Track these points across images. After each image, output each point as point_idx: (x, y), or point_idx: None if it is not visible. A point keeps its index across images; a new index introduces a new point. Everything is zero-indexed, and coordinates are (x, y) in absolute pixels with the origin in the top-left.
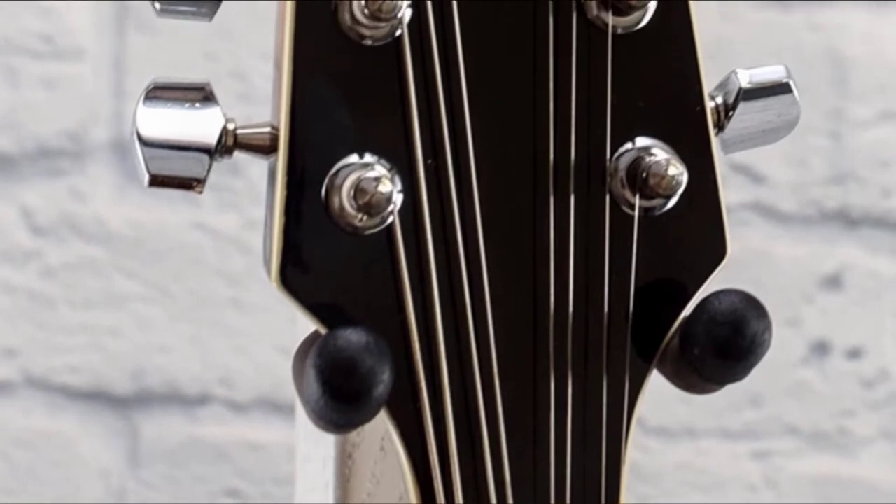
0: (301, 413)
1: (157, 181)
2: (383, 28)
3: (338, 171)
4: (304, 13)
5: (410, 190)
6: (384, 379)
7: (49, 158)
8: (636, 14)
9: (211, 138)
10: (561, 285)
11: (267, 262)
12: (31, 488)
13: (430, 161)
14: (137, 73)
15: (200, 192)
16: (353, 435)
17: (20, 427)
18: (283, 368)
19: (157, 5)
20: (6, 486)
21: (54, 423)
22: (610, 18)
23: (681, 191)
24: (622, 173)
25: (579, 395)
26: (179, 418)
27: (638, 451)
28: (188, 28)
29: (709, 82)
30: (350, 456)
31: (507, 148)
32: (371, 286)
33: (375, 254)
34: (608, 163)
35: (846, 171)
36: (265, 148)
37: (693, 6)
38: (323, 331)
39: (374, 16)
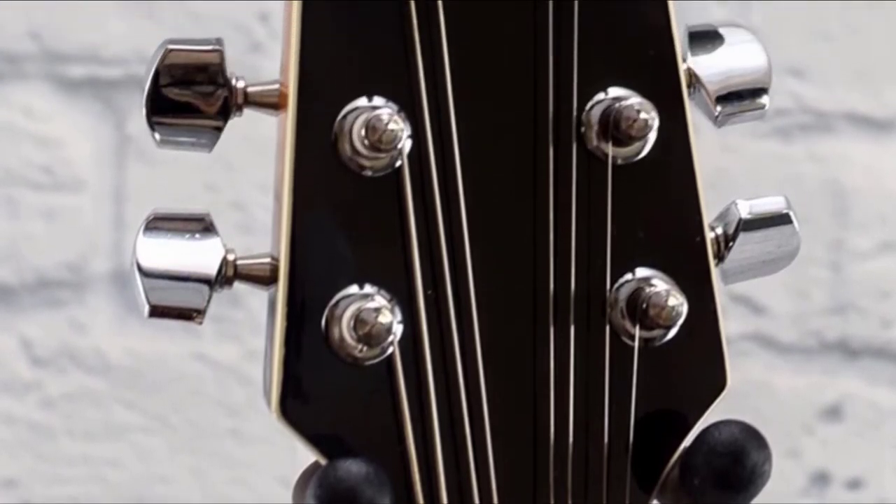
0: None
1: (157, 312)
2: (383, 159)
3: (338, 302)
4: (304, 144)
5: (410, 320)
6: None
7: (49, 289)
8: (636, 145)
9: (211, 269)
10: (561, 416)
11: (267, 393)
12: None
13: (430, 292)
14: (137, 204)
15: (200, 323)
16: None
17: None
18: (284, 499)
19: (157, 136)
20: None
21: None
22: (610, 149)
23: (681, 321)
24: (622, 304)
25: None
26: None
27: None
28: (188, 159)
29: (709, 213)
30: None
31: (507, 278)
32: (371, 417)
33: (375, 384)
34: (608, 293)
35: (846, 302)
36: (265, 279)
37: (693, 137)
38: (323, 461)
39: (375, 147)
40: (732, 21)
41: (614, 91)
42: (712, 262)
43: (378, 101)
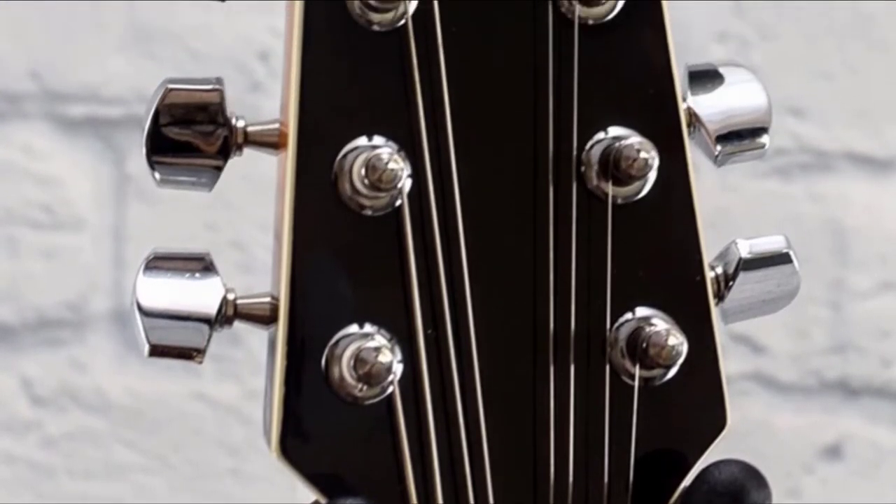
0: None
1: (157, 351)
2: (383, 198)
3: (338, 342)
4: (304, 184)
5: (410, 360)
6: None
7: (49, 328)
8: (636, 184)
9: (211, 308)
10: (561, 455)
11: (267, 432)
12: None
13: (430, 331)
14: (137, 243)
15: (200, 363)
16: None
17: None
18: None
19: (158, 176)
20: None
21: None
22: (610, 188)
23: (681, 361)
24: (622, 343)
25: None
26: None
27: None
28: (188, 198)
29: (709, 252)
30: None
31: (508, 318)
32: (371, 456)
33: (375, 423)
34: (608, 333)
35: (846, 341)
36: (265, 318)
37: (693, 176)
38: (323, 500)
39: (375, 186)
40: (732, 60)
41: (614, 130)
42: (712, 301)
43: (378, 140)
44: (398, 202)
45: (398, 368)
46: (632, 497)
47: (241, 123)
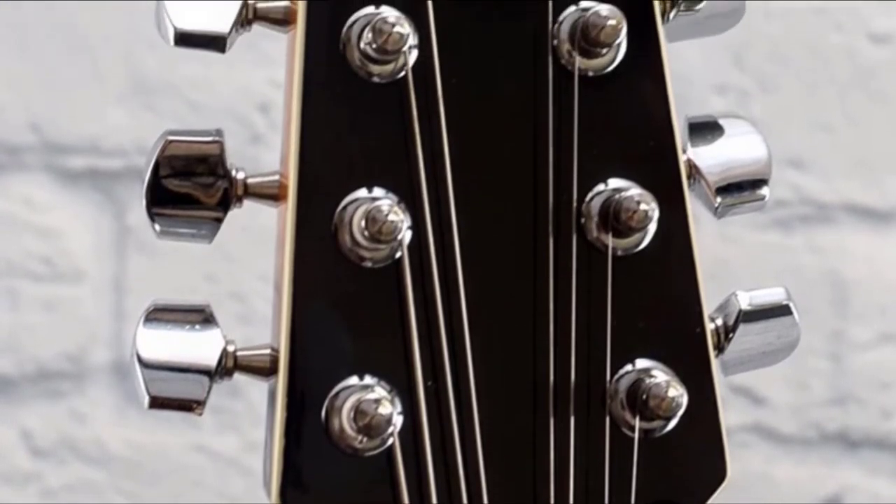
0: None
1: (157, 403)
2: (383, 250)
3: (338, 393)
4: (304, 235)
5: (410, 412)
6: None
7: (49, 380)
8: (636, 236)
9: (211, 360)
10: None
11: (267, 484)
12: None
13: (430, 383)
14: (137, 295)
15: (200, 414)
16: None
17: None
18: None
19: (158, 227)
20: None
21: None
22: (610, 240)
23: (681, 413)
24: (622, 395)
25: None
26: None
27: None
28: (188, 250)
29: (709, 304)
30: None
31: (508, 369)
32: None
33: (376, 475)
34: (608, 384)
35: (846, 393)
36: (265, 370)
37: (693, 228)
38: None
39: (375, 238)
40: (732, 112)
41: (614, 182)
42: (712, 353)
43: (378, 192)
44: (398, 254)
45: (398, 420)
46: None
47: (241, 175)
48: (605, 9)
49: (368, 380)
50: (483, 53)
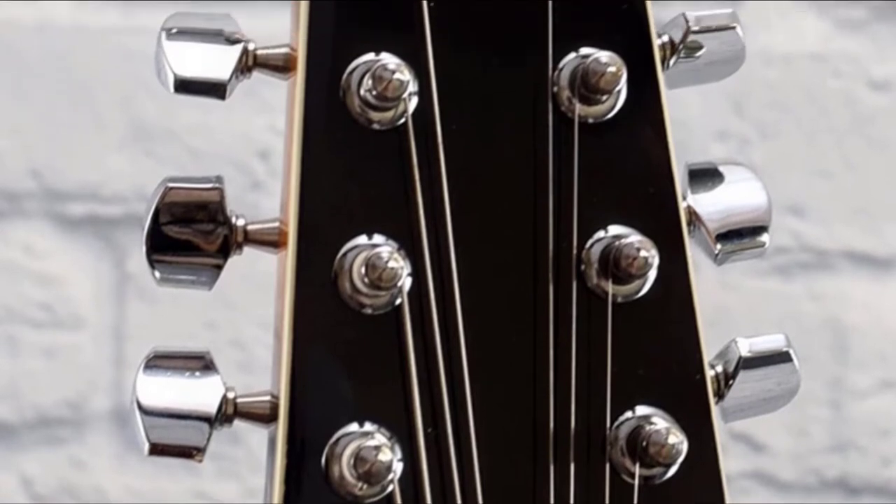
0: None
1: (157, 450)
2: (383, 297)
3: (338, 440)
4: (304, 282)
5: (410, 458)
6: None
7: (49, 427)
8: (636, 283)
9: (211, 407)
10: None
11: None
12: None
13: (430, 429)
14: (137, 342)
15: (200, 461)
16: None
17: None
18: None
19: (158, 274)
20: None
21: None
22: (610, 287)
23: (681, 459)
24: (622, 442)
25: None
26: None
27: None
28: (188, 297)
29: (709, 350)
30: None
31: (508, 416)
32: None
33: None
34: (608, 431)
35: (846, 441)
36: (265, 417)
37: (693, 274)
38: None
39: (375, 285)
40: (732, 159)
41: (614, 229)
42: (712, 399)
43: (378, 238)
44: (398, 301)
45: (398, 467)
46: None
47: (241, 222)
48: (605, 55)
49: (368, 426)
50: (483, 100)
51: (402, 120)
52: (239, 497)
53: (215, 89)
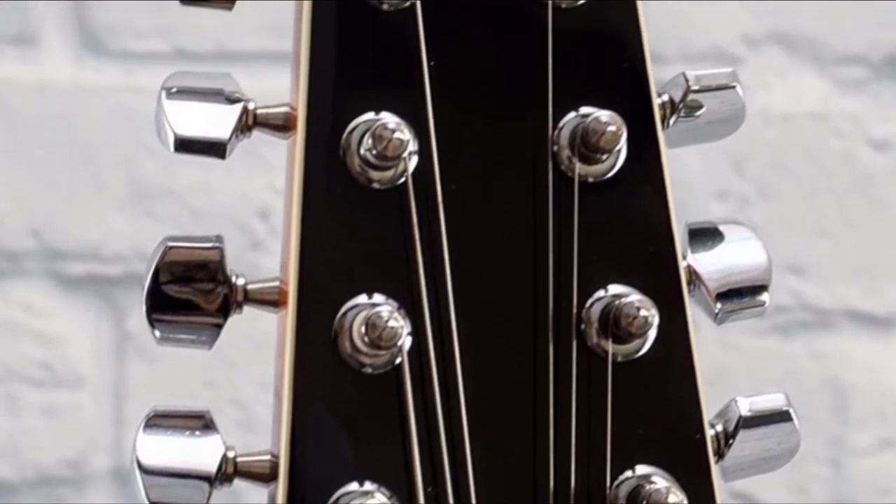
0: None
1: None
2: (383, 356)
3: (338, 499)
4: (304, 342)
5: None
6: None
7: (49, 486)
8: (636, 342)
9: (211, 466)
10: None
11: None
12: None
13: (430, 489)
14: (137, 401)
15: None
16: None
17: None
18: None
19: (158, 333)
20: None
21: None
22: (610, 346)
23: None
24: (622, 501)
25: None
26: None
27: None
28: (188, 356)
29: (709, 410)
30: None
31: (508, 475)
32: None
33: None
34: (608, 490)
35: (846, 500)
36: (265, 476)
37: (693, 334)
38: None
39: (375, 344)
40: (732, 218)
41: (614, 288)
42: (712, 459)
43: (378, 298)
44: (398, 360)
45: None
46: None
47: (241, 281)
48: (605, 115)
49: (369, 486)
50: (483, 159)
51: (403, 179)
52: None
53: (215, 148)
